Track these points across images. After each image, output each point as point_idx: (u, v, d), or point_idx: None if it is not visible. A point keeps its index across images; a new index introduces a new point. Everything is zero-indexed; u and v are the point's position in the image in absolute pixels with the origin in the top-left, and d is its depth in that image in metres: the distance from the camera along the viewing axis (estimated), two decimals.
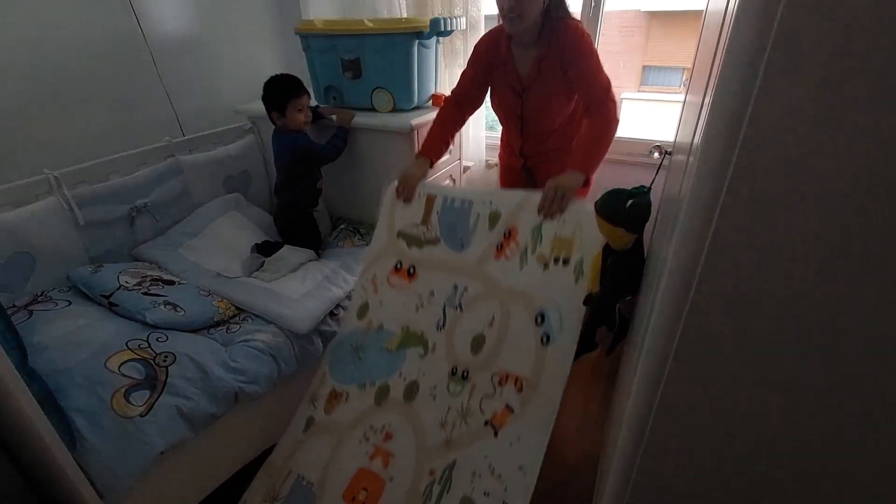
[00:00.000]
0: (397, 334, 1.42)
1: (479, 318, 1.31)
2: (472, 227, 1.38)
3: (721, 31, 0.64)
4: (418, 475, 1.21)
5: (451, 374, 1.30)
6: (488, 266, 1.34)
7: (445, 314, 1.37)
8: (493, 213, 1.36)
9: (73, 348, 1.13)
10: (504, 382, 1.22)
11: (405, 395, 1.33)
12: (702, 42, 1.03)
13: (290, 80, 1.64)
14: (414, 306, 1.41)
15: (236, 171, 1.95)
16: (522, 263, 1.29)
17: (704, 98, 0.69)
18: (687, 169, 0.74)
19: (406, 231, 1.48)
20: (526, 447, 1.12)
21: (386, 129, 1.74)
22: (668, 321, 0.67)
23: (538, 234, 1.28)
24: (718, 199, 0.56)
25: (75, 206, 1.42)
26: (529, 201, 1.31)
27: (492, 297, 1.31)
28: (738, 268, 0.59)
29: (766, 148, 0.52)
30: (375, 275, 1.50)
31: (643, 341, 0.80)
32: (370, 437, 1.31)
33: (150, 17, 1.69)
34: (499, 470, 1.13)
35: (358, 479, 1.27)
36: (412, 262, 1.45)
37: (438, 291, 1.39)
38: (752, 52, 0.49)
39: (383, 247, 1.50)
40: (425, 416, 1.28)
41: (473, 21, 2.03)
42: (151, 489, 1.10)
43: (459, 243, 1.40)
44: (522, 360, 1.21)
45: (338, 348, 1.49)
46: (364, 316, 1.48)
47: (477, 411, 1.22)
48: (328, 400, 1.42)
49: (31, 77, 1.43)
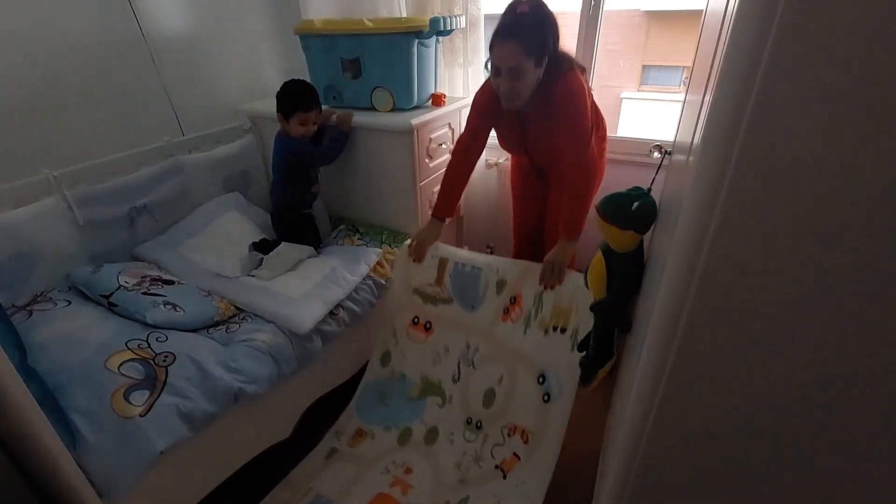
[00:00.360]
0: (418, 384, 1.64)
1: (489, 374, 1.54)
2: (482, 293, 1.58)
3: (721, 30, 0.64)
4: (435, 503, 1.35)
5: (467, 423, 1.52)
6: (496, 328, 1.56)
7: (460, 369, 1.59)
8: (500, 281, 1.56)
9: (72, 348, 1.13)
10: (512, 434, 1.44)
11: (426, 439, 1.53)
12: (701, 41, 1.03)
13: (305, 91, 1.63)
14: (431, 360, 1.64)
15: (236, 170, 1.95)
16: (526, 328, 1.51)
17: (704, 97, 0.69)
18: (687, 168, 0.74)
19: (421, 290, 1.68)
20: (530, 488, 1.32)
21: (386, 128, 1.74)
22: (669, 321, 0.67)
23: (539, 302, 1.49)
24: (718, 198, 0.56)
25: (75, 205, 1.42)
26: (532, 271, 1.51)
27: (500, 357, 1.53)
28: (738, 267, 0.59)
29: (766, 147, 0.52)
30: (395, 328, 1.72)
31: (644, 341, 0.80)
32: (391, 469, 1.46)
33: (150, 16, 1.69)
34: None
35: (378, 501, 1.37)
36: (428, 318, 1.67)
37: (453, 348, 1.61)
38: (751, 51, 0.49)
39: (401, 302, 1.71)
40: (443, 458, 1.46)
41: (473, 20, 2.03)
42: (151, 488, 1.10)
43: (470, 305, 1.61)
44: (527, 414, 1.44)
45: (365, 393, 1.68)
46: (387, 364, 1.71)
47: (489, 457, 1.43)
48: (353, 436, 1.59)
49: (31, 77, 1.43)
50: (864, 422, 0.62)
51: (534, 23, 1.37)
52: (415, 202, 1.84)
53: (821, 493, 0.71)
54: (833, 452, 0.67)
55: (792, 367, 0.63)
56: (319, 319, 1.45)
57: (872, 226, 0.51)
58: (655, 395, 0.75)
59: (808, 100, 0.49)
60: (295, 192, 1.75)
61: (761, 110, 0.50)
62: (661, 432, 0.78)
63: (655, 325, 0.71)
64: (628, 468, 0.86)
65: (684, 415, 0.75)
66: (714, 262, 0.60)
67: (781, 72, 0.48)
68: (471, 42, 2.07)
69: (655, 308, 0.73)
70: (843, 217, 0.52)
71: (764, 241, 0.57)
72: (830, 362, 0.60)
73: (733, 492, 0.79)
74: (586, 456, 1.53)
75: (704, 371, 0.69)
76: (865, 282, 0.54)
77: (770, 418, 0.68)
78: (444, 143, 1.94)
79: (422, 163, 1.81)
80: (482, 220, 2.49)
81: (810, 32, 0.46)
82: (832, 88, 0.47)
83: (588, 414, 1.68)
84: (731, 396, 0.69)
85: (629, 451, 0.84)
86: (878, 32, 0.44)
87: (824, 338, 0.59)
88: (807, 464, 0.70)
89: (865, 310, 0.55)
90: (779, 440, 0.70)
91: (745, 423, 0.71)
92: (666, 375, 0.72)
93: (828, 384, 0.62)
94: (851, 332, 0.57)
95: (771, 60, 0.48)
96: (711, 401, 0.71)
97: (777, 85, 0.49)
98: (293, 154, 1.68)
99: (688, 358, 0.69)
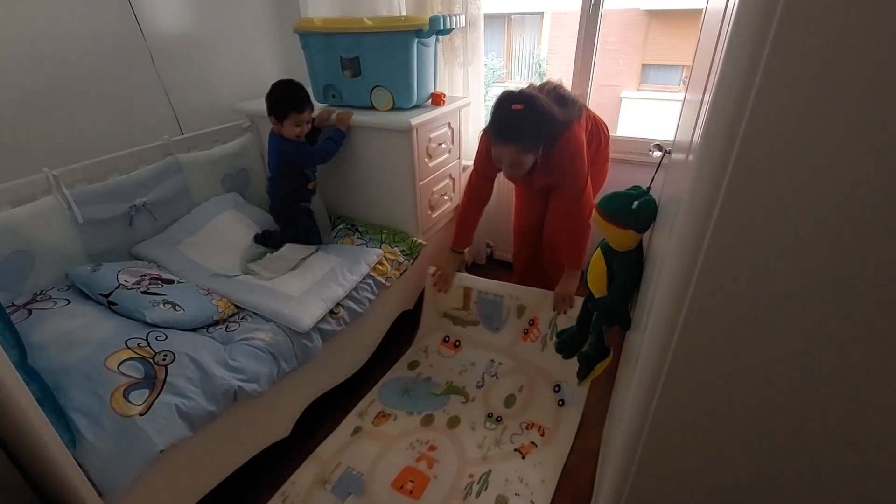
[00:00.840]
0: (442, 385, 1.78)
1: (511, 383, 1.75)
2: (504, 317, 1.86)
3: (721, 29, 0.64)
4: (459, 477, 1.45)
5: (488, 417, 1.65)
6: (517, 346, 1.83)
7: (484, 379, 1.78)
8: (519, 306, 1.84)
9: (72, 347, 1.13)
10: (530, 428, 1.60)
11: (448, 424, 1.63)
12: (701, 40, 1.03)
13: (297, 92, 1.63)
14: (458, 371, 1.83)
15: (235, 169, 1.95)
16: (543, 346, 1.79)
17: (704, 96, 0.69)
18: (687, 167, 0.74)
19: (451, 313, 1.96)
20: (547, 468, 1.47)
21: (385, 127, 1.73)
22: (668, 319, 0.68)
23: (554, 325, 1.78)
24: (718, 197, 0.56)
25: (74, 204, 1.42)
26: (547, 298, 1.78)
27: (520, 371, 1.78)
28: (736, 265, 0.59)
29: (766, 146, 0.52)
30: (428, 346, 1.94)
31: (643, 339, 0.80)
32: (415, 446, 1.55)
33: (149, 15, 1.68)
34: (526, 480, 1.44)
35: (405, 474, 1.46)
36: (458, 336, 1.94)
37: (478, 363, 1.84)
38: (751, 50, 0.49)
39: (433, 326, 1.97)
40: (465, 440, 1.57)
41: (473, 19, 2.02)
42: (151, 487, 1.10)
43: (494, 327, 1.89)
44: (545, 415, 1.64)
45: (388, 386, 1.80)
46: (415, 368, 1.87)
47: (508, 442, 1.56)
48: (376, 416, 1.67)
49: (30, 75, 1.43)
50: (857, 413, 0.62)
51: (529, 122, 1.43)
52: (414, 202, 1.84)
53: (823, 489, 0.71)
54: (832, 448, 0.67)
55: (790, 363, 0.63)
56: (320, 318, 1.45)
57: (870, 225, 0.51)
58: (655, 392, 0.75)
59: (807, 99, 0.49)
60: (291, 187, 1.75)
61: (761, 109, 0.50)
62: (661, 430, 0.79)
63: (654, 323, 0.71)
64: (627, 466, 0.87)
65: (683, 412, 0.75)
66: (713, 261, 0.60)
67: (781, 71, 0.48)
68: (470, 41, 2.07)
69: (655, 306, 0.73)
70: (841, 216, 0.52)
71: (762, 240, 0.57)
72: (828, 358, 0.60)
73: (732, 490, 0.79)
74: (586, 453, 1.53)
75: (703, 368, 0.69)
76: (861, 280, 0.54)
77: (769, 416, 0.68)
78: (444, 142, 1.93)
79: (421, 162, 1.80)
80: (481, 219, 2.48)
81: (809, 32, 0.46)
82: (831, 87, 0.47)
83: (588, 413, 1.68)
84: (730, 393, 0.69)
85: (629, 449, 0.84)
86: (878, 32, 0.44)
87: (824, 336, 0.59)
88: (807, 460, 0.70)
89: (860, 307, 0.55)
90: (777, 438, 0.70)
91: (743, 420, 0.71)
92: (665, 373, 0.72)
93: (827, 380, 0.62)
94: (848, 329, 0.57)
95: (770, 59, 0.48)
96: (710, 399, 0.71)
97: (776, 84, 0.49)
98: (288, 154, 1.68)
99: (687, 355, 0.69)
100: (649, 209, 1.18)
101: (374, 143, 1.80)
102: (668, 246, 0.71)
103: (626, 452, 0.85)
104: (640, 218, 1.18)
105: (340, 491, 1.41)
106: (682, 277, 0.63)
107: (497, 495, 1.39)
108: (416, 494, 1.39)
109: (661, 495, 0.87)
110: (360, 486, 1.42)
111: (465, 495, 1.39)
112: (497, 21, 6.52)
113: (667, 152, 1.34)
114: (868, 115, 0.47)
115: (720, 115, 0.54)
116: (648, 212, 1.17)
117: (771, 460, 0.72)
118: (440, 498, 1.38)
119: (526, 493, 1.39)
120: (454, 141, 2.02)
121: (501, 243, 2.53)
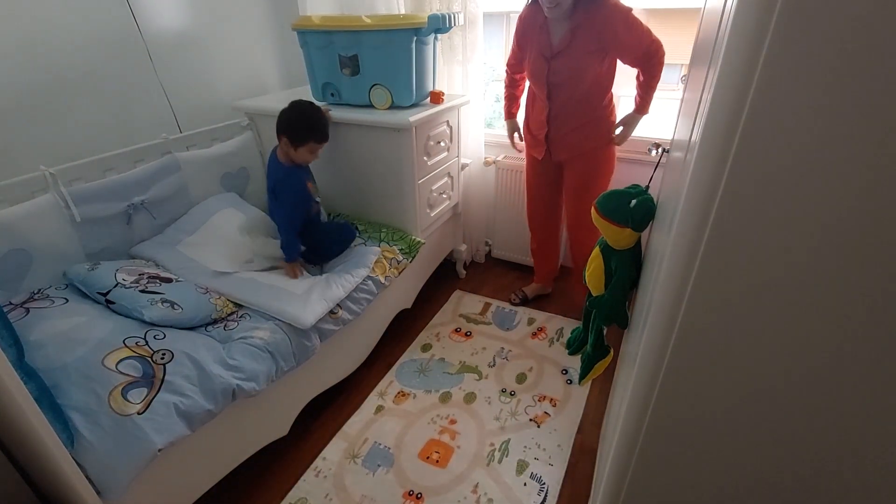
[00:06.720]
0: (456, 365, 1.92)
1: (521, 365, 1.91)
2: (516, 322, 2.16)
3: (719, 27, 0.64)
4: (481, 446, 1.58)
5: (502, 391, 1.79)
6: (527, 341, 2.05)
7: (495, 361, 1.94)
8: (530, 318, 2.17)
9: (70, 346, 1.13)
10: (542, 400, 1.75)
11: (465, 399, 1.75)
12: (700, 39, 1.03)
13: (321, 119, 1.60)
14: (470, 353, 1.99)
15: (234, 167, 1.94)
16: (550, 344, 2.03)
17: (702, 95, 0.69)
18: (685, 166, 0.74)
19: (467, 314, 2.23)
20: (561, 434, 1.62)
21: (384, 125, 1.73)
22: (666, 317, 0.68)
23: (559, 331, 2.09)
24: (716, 196, 0.56)
25: (72, 203, 1.41)
26: (553, 319, 2.15)
27: (530, 357, 1.96)
28: (735, 264, 0.59)
29: (764, 145, 0.52)
30: (439, 332, 2.11)
31: (641, 337, 0.80)
32: (437, 420, 1.67)
33: (147, 13, 1.68)
34: (543, 445, 1.58)
35: (430, 446, 1.58)
36: (469, 329, 2.13)
37: (489, 348, 2.01)
38: (750, 48, 0.49)
39: (447, 320, 2.19)
40: (482, 413, 1.70)
41: (472, 17, 2.02)
42: (149, 486, 1.10)
43: (506, 328, 2.13)
44: (555, 389, 1.80)
45: (404, 367, 1.92)
46: (427, 351, 2.01)
47: (523, 413, 1.70)
48: (396, 395, 1.78)
49: (27, 74, 1.42)
50: (857, 413, 0.63)
51: None
52: (413, 200, 1.84)
53: (823, 488, 0.71)
54: (831, 448, 0.67)
55: (788, 359, 0.63)
56: (321, 317, 1.45)
57: (867, 224, 0.51)
58: (653, 391, 0.75)
59: (805, 98, 0.49)
60: (300, 220, 1.66)
61: (759, 108, 0.50)
62: (658, 428, 0.79)
63: (652, 322, 0.71)
64: (625, 465, 0.87)
65: (681, 410, 0.75)
66: (711, 259, 0.60)
67: (779, 70, 0.48)
68: (469, 39, 2.06)
69: (653, 304, 0.73)
70: (838, 215, 0.52)
71: (761, 239, 0.57)
72: (827, 357, 0.60)
73: (730, 487, 0.79)
74: (584, 450, 1.54)
75: (701, 366, 0.69)
76: (861, 279, 0.54)
77: (768, 414, 0.69)
78: (443, 140, 1.93)
79: (420, 160, 1.80)
80: (481, 217, 2.49)
81: (808, 31, 0.46)
82: (829, 87, 0.47)
83: (587, 412, 1.69)
84: (729, 392, 0.70)
85: (627, 447, 0.85)
86: (877, 32, 0.44)
87: (822, 335, 0.59)
88: (806, 460, 0.70)
89: (860, 307, 0.56)
90: (776, 436, 0.70)
91: (741, 418, 0.71)
92: (663, 371, 0.72)
93: (825, 380, 0.62)
94: (848, 328, 0.57)
95: (768, 58, 0.48)
96: (708, 397, 0.71)
97: (775, 83, 0.49)
98: (280, 184, 1.60)
99: (685, 353, 0.69)
100: (647, 208, 1.18)
101: (373, 141, 1.80)
102: (667, 245, 0.71)
103: (623, 452, 0.85)
104: (637, 216, 1.18)
105: (370, 463, 1.52)
106: (680, 276, 0.63)
107: (518, 460, 1.52)
108: (443, 463, 1.52)
109: (659, 495, 0.88)
110: (388, 458, 1.53)
111: (488, 462, 1.52)
112: (496, 19, 6.54)
113: (665, 151, 1.34)
114: (868, 115, 0.47)
115: (718, 115, 0.54)
116: (646, 210, 1.18)
117: (768, 460, 0.73)
118: (465, 465, 1.51)
119: (544, 457, 1.53)
120: (453, 139, 2.02)
121: (500, 242, 2.54)
